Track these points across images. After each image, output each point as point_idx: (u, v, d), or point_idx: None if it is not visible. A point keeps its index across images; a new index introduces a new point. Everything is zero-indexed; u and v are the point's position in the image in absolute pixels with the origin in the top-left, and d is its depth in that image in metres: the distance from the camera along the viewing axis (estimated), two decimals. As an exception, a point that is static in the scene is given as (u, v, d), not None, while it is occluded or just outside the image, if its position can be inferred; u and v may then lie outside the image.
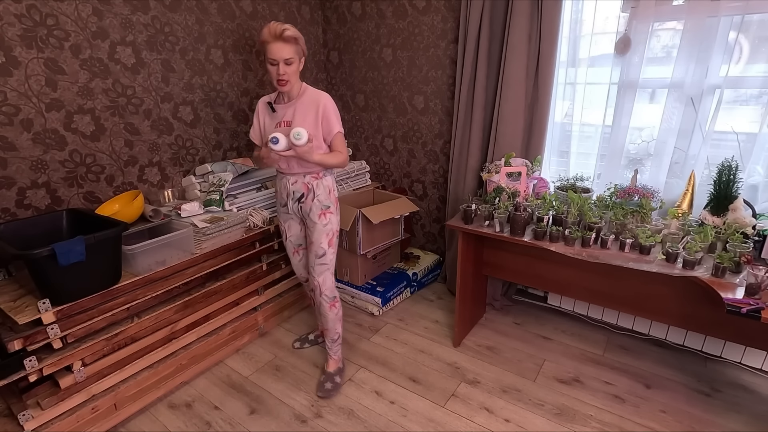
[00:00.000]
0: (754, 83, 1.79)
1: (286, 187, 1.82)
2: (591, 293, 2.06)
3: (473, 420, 1.77)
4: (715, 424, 1.73)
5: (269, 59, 1.62)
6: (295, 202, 1.82)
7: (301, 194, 1.80)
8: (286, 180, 1.81)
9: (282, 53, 1.60)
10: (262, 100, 1.83)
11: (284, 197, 1.84)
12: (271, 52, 1.60)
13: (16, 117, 1.72)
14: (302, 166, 1.75)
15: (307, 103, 1.73)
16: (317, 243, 1.83)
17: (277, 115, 1.76)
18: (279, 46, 1.59)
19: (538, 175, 2.20)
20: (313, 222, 1.82)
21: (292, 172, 1.79)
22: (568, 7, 2.08)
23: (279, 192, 1.88)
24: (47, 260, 1.38)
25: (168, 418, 1.80)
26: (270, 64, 1.63)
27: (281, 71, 1.63)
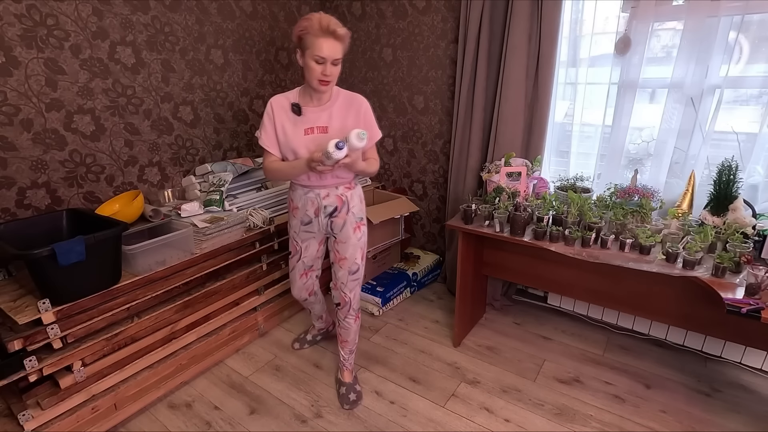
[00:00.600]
0: (754, 83, 1.79)
1: (314, 202, 1.63)
2: (591, 293, 2.06)
3: (473, 420, 1.77)
4: (715, 424, 1.73)
5: (315, 56, 1.41)
6: (326, 218, 1.66)
7: (334, 208, 1.65)
8: (314, 194, 1.63)
9: (333, 52, 1.42)
10: (278, 101, 1.57)
11: (311, 214, 1.66)
12: (320, 48, 1.40)
13: (16, 117, 1.72)
14: (335, 176, 1.59)
15: (345, 107, 1.58)
16: (351, 259, 1.72)
17: (306, 119, 1.55)
18: (331, 44, 1.41)
19: (538, 175, 2.20)
20: (346, 237, 1.69)
21: (323, 185, 1.61)
22: (568, 7, 2.08)
23: (302, 208, 1.67)
24: (47, 260, 1.38)
25: (168, 418, 1.80)
26: (315, 61, 1.42)
27: (328, 71, 1.44)
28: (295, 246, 1.79)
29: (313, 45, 1.40)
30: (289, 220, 1.78)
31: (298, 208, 1.68)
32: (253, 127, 2.70)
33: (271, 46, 2.69)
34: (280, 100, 1.58)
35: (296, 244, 1.78)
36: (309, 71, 1.45)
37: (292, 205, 1.72)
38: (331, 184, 1.63)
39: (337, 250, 1.74)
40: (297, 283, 1.90)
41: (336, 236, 1.72)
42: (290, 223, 1.78)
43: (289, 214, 1.77)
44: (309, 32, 1.40)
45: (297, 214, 1.70)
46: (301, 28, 1.42)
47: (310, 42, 1.41)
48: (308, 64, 1.44)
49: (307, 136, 1.55)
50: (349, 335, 1.87)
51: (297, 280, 1.88)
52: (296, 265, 1.84)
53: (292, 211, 1.72)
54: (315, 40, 1.40)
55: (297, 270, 1.85)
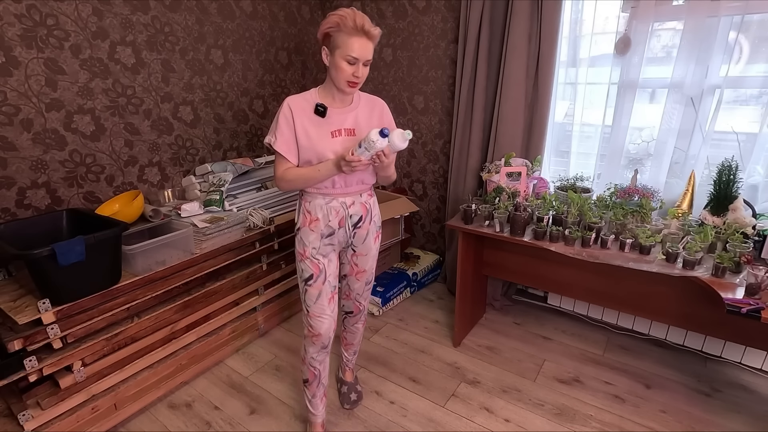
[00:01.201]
0: (754, 83, 1.79)
1: (339, 212, 1.46)
2: (591, 293, 2.06)
3: (473, 420, 1.77)
4: (715, 424, 1.73)
5: (347, 56, 1.29)
6: (351, 229, 1.51)
7: (359, 218, 1.51)
8: (337, 203, 1.45)
9: (366, 52, 1.31)
10: (296, 102, 1.40)
11: (334, 225, 1.47)
12: (353, 48, 1.28)
13: (16, 117, 1.72)
14: (360, 182, 1.48)
15: (368, 109, 1.50)
16: (370, 270, 1.64)
17: (331, 121, 1.41)
18: (364, 44, 1.30)
19: (538, 175, 2.20)
20: (368, 248, 1.58)
21: (347, 192, 1.46)
22: (568, 7, 2.08)
23: (323, 219, 1.45)
24: (47, 260, 1.38)
25: (168, 418, 1.80)
26: (346, 61, 1.30)
27: (359, 73, 1.33)
28: (317, 265, 1.48)
29: (345, 44, 1.28)
30: (302, 237, 1.48)
31: (318, 220, 1.45)
32: (253, 127, 2.70)
33: (271, 46, 2.69)
34: (298, 100, 1.41)
35: (317, 262, 1.48)
36: (338, 71, 1.32)
37: (309, 217, 1.46)
38: (356, 191, 1.48)
39: (355, 263, 1.60)
40: (326, 312, 1.51)
41: (356, 249, 1.57)
42: (305, 241, 1.47)
43: (302, 231, 1.48)
44: (341, 30, 1.27)
45: (316, 227, 1.46)
46: (330, 25, 1.29)
47: (341, 41, 1.29)
48: (338, 64, 1.31)
49: (334, 138, 1.41)
50: (355, 338, 1.83)
51: (326, 308, 1.51)
52: (322, 289, 1.49)
53: (309, 225, 1.46)
54: (347, 39, 1.28)
55: (324, 295, 1.50)
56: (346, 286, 1.69)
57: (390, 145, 1.27)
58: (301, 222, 1.49)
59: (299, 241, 1.50)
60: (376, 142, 1.24)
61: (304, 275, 1.50)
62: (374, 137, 1.24)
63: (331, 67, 1.35)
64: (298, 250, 1.51)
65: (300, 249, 1.50)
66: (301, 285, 1.52)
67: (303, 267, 1.50)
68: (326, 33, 1.32)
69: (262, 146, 2.79)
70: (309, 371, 1.60)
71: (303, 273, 1.50)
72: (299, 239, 1.50)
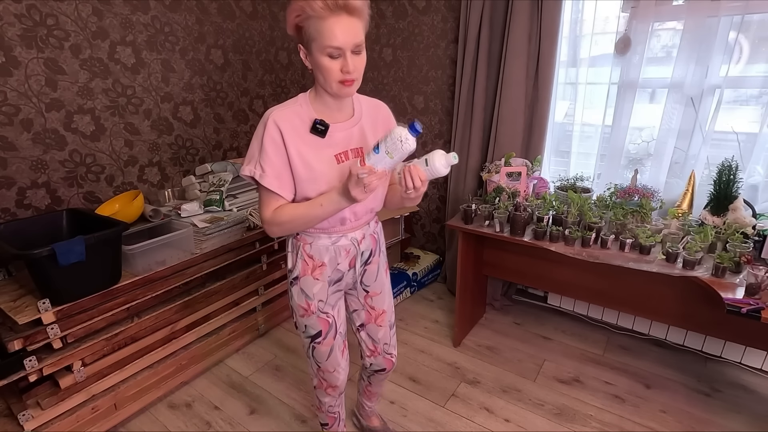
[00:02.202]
0: (754, 83, 1.79)
1: (349, 252, 1.20)
2: (591, 293, 2.06)
3: (473, 420, 1.77)
4: (715, 424, 1.73)
5: (327, 47, 0.95)
6: (361, 267, 1.26)
7: (369, 252, 1.26)
8: (347, 241, 1.18)
9: (350, 34, 0.95)
10: (285, 118, 1.05)
11: (343, 267, 1.21)
12: (332, 34, 0.94)
13: (16, 117, 1.72)
14: (370, 211, 1.21)
15: (372, 117, 1.18)
16: (390, 310, 1.38)
17: (333, 141, 1.09)
18: (345, 23, 0.94)
19: (538, 175, 2.20)
20: (381, 284, 1.33)
21: (359, 224, 1.19)
22: (568, 7, 2.08)
23: (331, 263, 1.19)
24: (47, 260, 1.38)
25: (168, 418, 1.80)
26: (327, 55, 0.96)
27: (350, 65, 0.97)
28: (326, 320, 1.24)
29: (320, 32, 0.94)
30: (304, 289, 1.20)
31: (325, 265, 1.18)
32: (253, 127, 2.70)
33: (271, 46, 2.69)
34: (286, 116, 1.05)
35: (327, 316, 1.24)
36: (322, 72, 0.99)
37: (311, 264, 1.18)
38: (365, 222, 1.22)
39: (371, 307, 1.34)
40: (341, 365, 1.32)
41: (368, 289, 1.32)
42: (307, 294, 1.20)
43: (302, 282, 1.19)
44: (310, 15, 0.94)
45: (322, 275, 1.19)
46: (297, 13, 0.97)
47: (314, 29, 0.95)
48: (319, 62, 0.98)
49: (341, 164, 1.09)
50: (381, 388, 1.60)
51: (340, 362, 1.31)
52: (334, 344, 1.27)
53: (313, 272, 1.18)
54: (321, 25, 0.94)
55: (336, 348, 1.28)
56: (367, 339, 1.39)
57: (429, 168, 0.98)
58: (301, 270, 1.18)
59: (299, 294, 1.20)
60: (405, 143, 0.90)
61: (310, 332, 1.24)
62: (402, 135, 0.90)
63: (314, 69, 1.02)
64: (300, 304, 1.21)
65: (302, 304, 1.21)
66: (306, 341, 1.27)
67: (308, 323, 1.23)
68: (296, 26, 1.00)
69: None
70: (328, 417, 1.46)
71: (308, 330, 1.24)
72: (298, 291, 1.20)
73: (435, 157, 0.97)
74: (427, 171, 0.99)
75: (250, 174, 1.06)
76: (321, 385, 1.37)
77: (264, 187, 1.06)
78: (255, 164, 1.05)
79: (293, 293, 1.22)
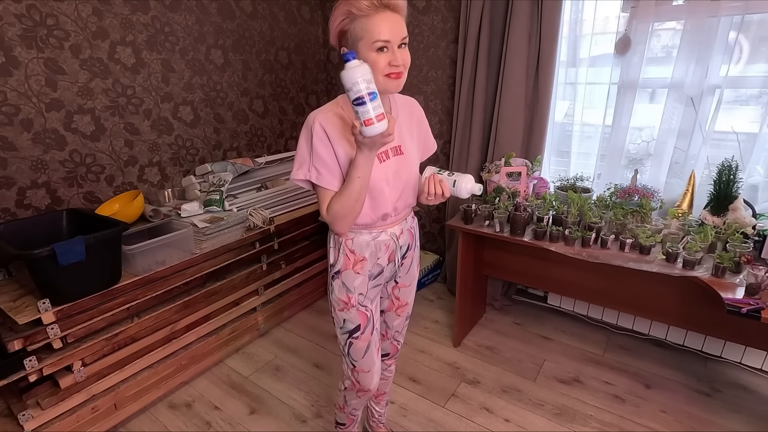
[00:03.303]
0: (754, 83, 1.79)
1: (389, 247, 1.22)
2: (591, 293, 2.06)
3: (473, 420, 1.77)
4: (715, 424, 1.73)
5: (375, 42, 0.98)
6: (399, 261, 1.29)
7: (407, 247, 1.29)
8: (387, 236, 1.21)
9: (397, 29, 1.00)
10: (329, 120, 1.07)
11: (383, 262, 1.23)
12: (380, 29, 0.97)
13: (16, 117, 1.72)
14: (408, 205, 1.25)
15: (407, 115, 1.21)
16: (411, 303, 1.42)
17: None
18: (390, 19, 0.99)
19: (538, 175, 2.20)
20: (411, 277, 1.36)
21: (398, 218, 1.23)
22: (568, 7, 2.07)
23: (371, 258, 1.20)
24: (47, 260, 1.38)
25: (168, 418, 1.80)
26: (376, 50, 0.99)
27: (399, 59, 1.01)
28: (365, 314, 1.24)
29: (367, 30, 0.98)
30: (345, 282, 1.21)
31: (366, 260, 1.20)
32: (253, 127, 2.70)
33: (271, 46, 2.69)
34: (330, 118, 1.07)
35: (366, 309, 1.24)
36: (372, 68, 0.99)
37: (353, 258, 1.19)
38: (404, 216, 1.25)
39: (396, 297, 1.37)
40: (376, 365, 1.31)
41: (399, 280, 1.35)
42: (348, 287, 1.21)
43: (343, 276, 1.21)
44: (356, 16, 0.98)
45: (363, 269, 1.21)
46: (343, 17, 1.01)
47: (361, 29, 0.99)
48: (370, 59, 1.00)
49: (383, 163, 1.13)
50: (388, 385, 1.58)
51: (376, 361, 1.30)
52: (371, 340, 1.27)
53: (354, 267, 1.20)
54: (368, 23, 0.98)
55: (373, 345, 1.28)
56: (383, 324, 1.44)
57: (455, 189, 1.13)
58: (343, 264, 1.20)
59: (340, 288, 1.22)
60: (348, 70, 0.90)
61: (348, 327, 1.24)
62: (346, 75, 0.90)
63: None
64: (340, 298, 1.22)
65: (342, 297, 1.22)
66: (344, 338, 1.26)
67: (347, 317, 1.23)
68: (341, 30, 1.03)
69: (262, 146, 2.79)
70: (348, 418, 1.47)
71: (346, 324, 1.24)
72: (339, 285, 1.22)
73: (463, 183, 1.11)
74: (452, 190, 1.12)
75: (305, 177, 1.09)
76: (353, 387, 1.34)
77: (322, 188, 1.10)
78: (309, 167, 1.09)
79: (334, 287, 1.24)
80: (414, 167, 1.21)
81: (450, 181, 1.11)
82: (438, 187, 1.12)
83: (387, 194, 1.13)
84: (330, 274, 1.25)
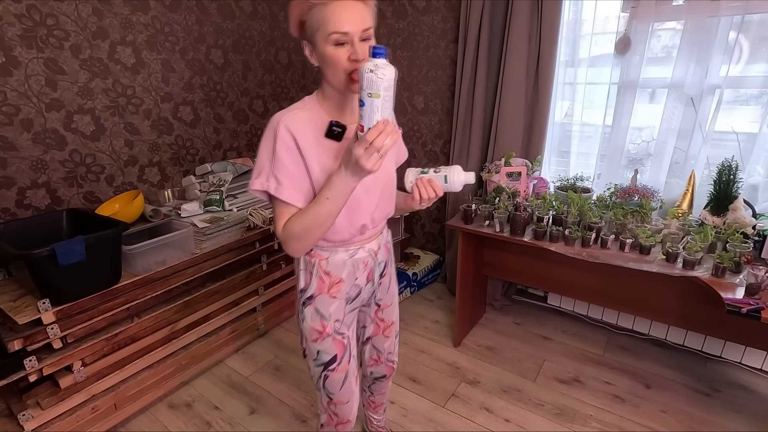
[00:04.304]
0: (754, 83, 1.79)
1: (367, 264, 1.11)
2: (591, 293, 2.06)
3: (473, 420, 1.77)
4: (715, 424, 1.73)
5: (332, 33, 0.86)
6: (377, 281, 1.19)
7: (384, 263, 1.19)
8: (366, 252, 1.10)
9: (358, 20, 0.87)
10: (297, 123, 0.93)
11: (361, 282, 1.12)
12: (338, 18, 0.85)
13: (16, 117, 1.72)
14: (386, 216, 1.14)
15: None
16: (397, 320, 1.32)
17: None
18: (352, 7, 0.86)
19: (538, 175, 2.20)
20: (392, 295, 1.26)
21: (377, 231, 1.12)
22: (568, 7, 2.07)
23: (349, 278, 1.09)
24: (47, 260, 1.38)
25: (168, 418, 1.80)
26: (333, 43, 0.87)
27: (360, 54, 0.87)
28: (342, 341, 1.13)
29: (324, 20, 0.86)
30: (319, 309, 1.08)
31: (342, 282, 1.08)
32: (253, 127, 2.70)
33: (271, 46, 2.69)
34: (299, 119, 0.93)
35: (342, 337, 1.13)
36: (328, 63, 0.89)
37: (329, 280, 1.07)
38: (381, 228, 1.14)
39: (381, 319, 1.27)
40: (355, 394, 1.21)
41: (380, 303, 1.25)
42: (323, 314, 1.08)
43: (317, 301, 1.08)
44: (313, 3, 0.87)
45: (340, 292, 1.09)
46: (300, 6, 0.91)
47: (318, 18, 0.87)
48: (325, 53, 0.88)
49: None
50: (386, 397, 1.52)
51: (354, 390, 1.20)
52: (349, 369, 1.16)
53: (330, 290, 1.07)
54: (324, 11, 0.86)
55: (351, 374, 1.17)
56: (372, 350, 1.33)
57: (447, 185, 1.01)
58: (316, 288, 1.07)
59: (313, 316, 1.08)
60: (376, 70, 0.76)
61: (324, 359, 1.11)
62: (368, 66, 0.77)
63: (321, 65, 0.93)
64: (313, 327, 1.08)
65: (316, 326, 1.08)
66: (318, 371, 1.14)
67: (322, 348, 1.10)
68: (301, 20, 0.92)
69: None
70: None
71: (321, 356, 1.11)
72: (312, 313, 1.08)
73: (454, 176, 0.99)
74: (445, 186, 1.01)
75: (262, 188, 0.93)
76: (331, 422, 1.22)
77: (280, 200, 0.93)
78: (267, 176, 0.92)
79: (306, 315, 1.09)
80: (391, 171, 1.11)
81: (439, 177, 1.01)
82: (429, 189, 1.01)
83: (365, 204, 1.02)
84: (300, 301, 1.10)
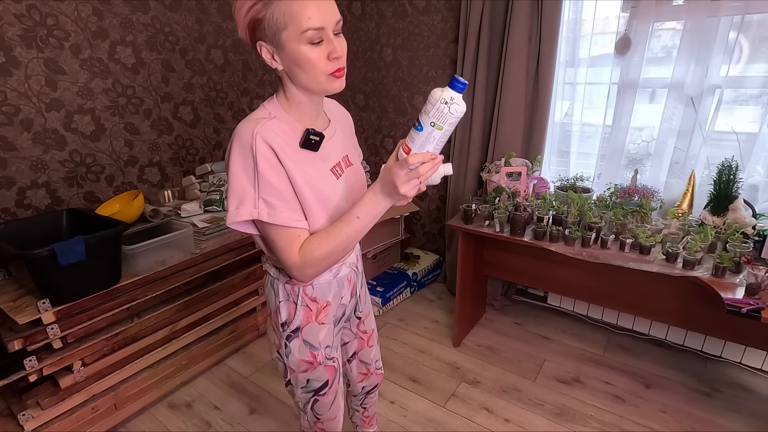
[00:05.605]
0: (754, 83, 1.79)
1: (350, 280, 1.07)
2: (591, 293, 2.06)
3: (473, 420, 1.77)
4: (715, 424, 1.73)
5: (306, 31, 0.75)
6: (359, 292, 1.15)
7: (361, 273, 1.16)
8: (347, 268, 1.04)
9: (329, 11, 0.77)
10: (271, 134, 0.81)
11: (346, 300, 1.07)
12: (305, 14, 0.74)
13: (16, 117, 1.72)
14: None
15: (341, 118, 1.03)
16: (376, 336, 1.27)
17: (325, 153, 0.90)
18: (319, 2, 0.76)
19: (538, 175, 2.20)
20: (368, 306, 1.22)
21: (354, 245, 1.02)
22: (568, 7, 2.07)
23: (335, 299, 1.03)
24: (47, 260, 1.38)
25: (168, 418, 1.80)
26: (309, 42, 0.77)
27: (340, 50, 0.80)
28: (333, 365, 1.06)
29: (291, 15, 0.74)
30: (308, 339, 1.00)
31: (329, 305, 1.02)
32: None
33: (271, 46, 2.68)
34: (273, 130, 0.82)
35: (333, 361, 1.07)
36: (304, 66, 0.79)
37: (316, 307, 1.00)
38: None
39: (363, 331, 1.21)
40: (342, 408, 1.17)
41: (360, 315, 1.19)
42: (313, 344, 1.01)
43: (305, 331, 1.00)
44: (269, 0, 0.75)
45: (328, 316, 1.02)
46: (250, 3, 0.76)
47: (282, 14, 0.75)
48: (298, 55, 0.77)
49: (340, 178, 0.93)
50: (375, 408, 1.45)
51: (342, 403, 1.16)
52: (338, 390, 1.11)
53: (318, 317, 1.00)
54: (290, 5, 0.74)
55: (339, 391, 1.12)
56: (359, 365, 1.27)
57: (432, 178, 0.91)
58: (303, 319, 0.98)
59: (301, 348, 0.99)
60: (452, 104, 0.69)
61: (314, 386, 1.04)
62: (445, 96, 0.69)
63: (291, 67, 0.81)
64: (302, 359, 1.00)
65: (305, 358, 1.00)
66: (306, 396, 1.06)
67: (312, 377, 1.03)
68: (253, 20, 0.78)
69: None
70: None
71: (311, 384, 1.04)
72: (300, 345, 0.99)
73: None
74: None
75: (251, 217, 0.82)
76: None
77: (278, 226, 0.83)
78: (254, 202, 0.81)
79: (292, 349, 0.99)
80: (363, 176, 1.04)
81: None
82: None
83: None
84: (283, 336, 0.99)
